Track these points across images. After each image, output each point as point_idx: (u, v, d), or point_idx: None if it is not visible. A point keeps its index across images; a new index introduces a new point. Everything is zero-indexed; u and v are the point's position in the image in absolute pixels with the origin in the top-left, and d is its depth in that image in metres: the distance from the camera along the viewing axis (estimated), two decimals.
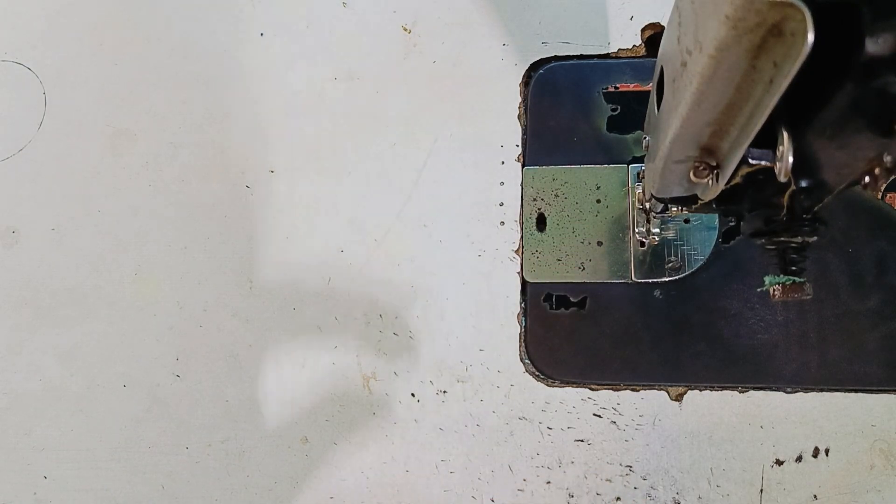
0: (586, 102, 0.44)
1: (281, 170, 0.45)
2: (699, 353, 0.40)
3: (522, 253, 0.42)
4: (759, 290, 0.40)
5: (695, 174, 0.27)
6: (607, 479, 0.38)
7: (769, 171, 0.24)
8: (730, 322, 0.40)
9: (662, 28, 0.44)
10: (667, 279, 0.41)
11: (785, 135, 0.22)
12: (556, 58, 0.45)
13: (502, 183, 0.43)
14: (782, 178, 0.23)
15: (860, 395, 0.38)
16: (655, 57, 0.30)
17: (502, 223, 0.43)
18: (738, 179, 0.26)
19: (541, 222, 0.43)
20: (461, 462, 0.40)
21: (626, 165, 0.42)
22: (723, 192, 0.27)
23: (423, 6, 0.47)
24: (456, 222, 0.43)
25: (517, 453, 0.39)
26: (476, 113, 0.45)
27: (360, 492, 0.39)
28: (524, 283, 0.42)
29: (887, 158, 0.21)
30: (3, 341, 0.44)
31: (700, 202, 0.30)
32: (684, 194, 0.31)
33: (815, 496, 0.37)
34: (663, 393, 0.39)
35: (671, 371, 0.40)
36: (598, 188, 0.43)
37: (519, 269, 0.42)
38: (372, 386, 0.42)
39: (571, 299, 0.41)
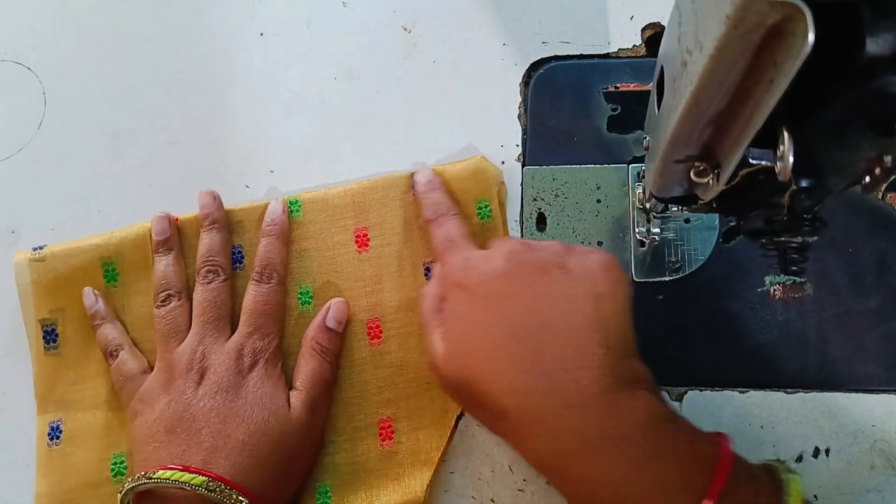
0: (586, 102, 0.44)
1: (281, 170, 0.45)
2: (699, 353, 0.40)
3: None
4: (759, 290, 0.40)
5: (695, 174, 0.27)
6: None
7: (769, 171, 0.24)
8: (730, 322, 0.40)
9: (662, 28, 0.44)
10: (667, 279, 0.41)
11: (785, 135, 0.22)
12: (556, 58, 0.45)
13: (502, 183, 0.43)
14: (782, 178, 0.23)
15: (860, 395, 0.38)
16: (655, 57, 0.30)
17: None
18: (738, 179, 0.26)
19: (541, 222, 0.43)
20: (461, 462, 0.40)
21: (626, 165, 0.42)
22: (723, 192, 0.27)
23: (423, 6, 0.47)
24: None
25: (517, 453, 0.39)
26: (476, 113, 0.45)
27: None
28: None
29: (887, 159, 0.21)
30: (3, 342, 0.44)
31: (700, 202, 0.30)
32: (684, 194, 0.31)
33: (815, 496, 0.37)
34: (663, 393, 0.39)
35: (671, 371, 0.40)
36: (599, 188, 0.43)
37: None
38: None
39: None
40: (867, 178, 0.22)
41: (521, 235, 0.43)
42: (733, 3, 0.18)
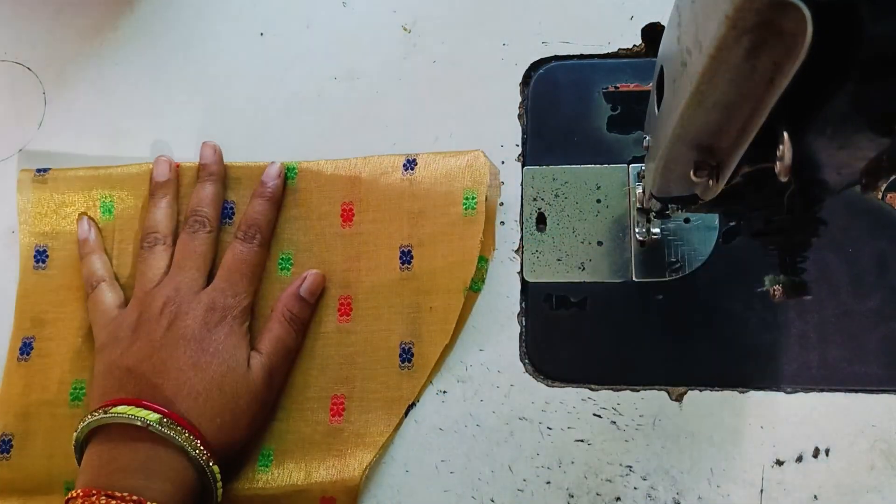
0: (586, 102, 0.44)
1: None
2: (699, 354, 0.40)
3: (522, 253, 0.42)
4: (759, 290, 0.40)
5: (695, 174, 0.27)
6: (607, 479, 0.38)
7: (769, 171, 0.24)
8: (730, 322, 0.40)
9: (662, 28, 0.44)
10: (667, 279, 0.41)
11: (785, 135, 0.22)
12: (556, 58, 0.45)
13: (502, 183, 0.43)
14: (782, 179, 0.23)
15: (860, 395, 0.38)
16: (655, 57, 0.30)
17: (502, 223, 0.43)
18: (738, 179, 0.26)
19: (541, 222, 0.43)
20: (461, 462, 0.40)
21: (626, 165, 0.42)
22: (723, 192, 0.27)
23: (423, 6, 0.47)
24: None
25: (517, 453, 0.39)
26: (476, 113, 0.45)
27: (360, 492, 0.39)
28: (524, 283, 0.42)
29: (887, 159, 0.21)
30: (3, 344, 0.44)
31: (700, 202, 0.30)
32: (684, 194, 0.31)
33: (815, 496, 0.37)
34: (663, 393, 0.39)
35: (671, 371, 0.40)
36: (599, 188, 0.43)
37: (519, 269, 0.42)
38: None
39: (571, 299, 0.41)
40: (867, 178, 0.22)
41: (521, 235, 0.43)
42: (733, 3, 0.18)
